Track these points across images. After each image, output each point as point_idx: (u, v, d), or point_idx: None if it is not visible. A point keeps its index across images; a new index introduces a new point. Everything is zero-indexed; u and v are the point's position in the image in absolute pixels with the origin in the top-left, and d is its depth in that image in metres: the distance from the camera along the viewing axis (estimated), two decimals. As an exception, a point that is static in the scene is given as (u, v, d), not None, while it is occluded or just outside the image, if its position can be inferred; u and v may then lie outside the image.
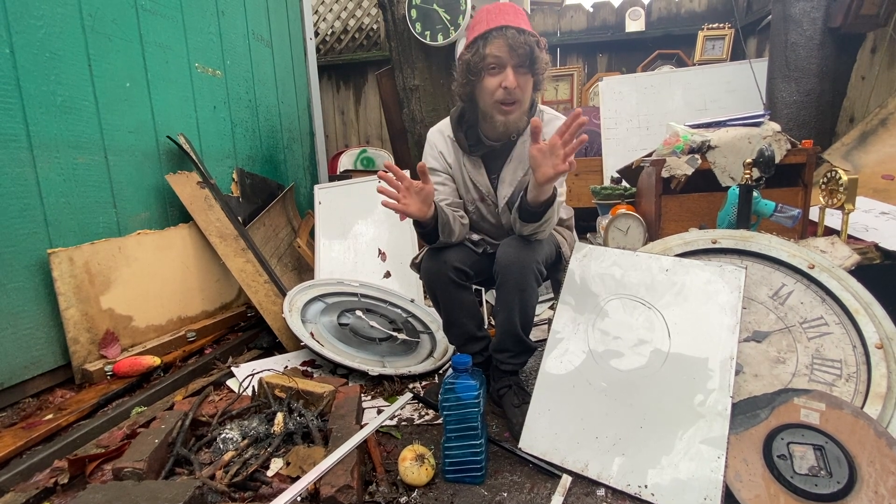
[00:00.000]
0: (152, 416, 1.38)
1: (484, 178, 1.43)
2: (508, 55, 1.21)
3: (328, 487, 0.95)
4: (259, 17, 2.78)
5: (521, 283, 1.28)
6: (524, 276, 1.27)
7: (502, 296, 1.32)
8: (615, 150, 2.99)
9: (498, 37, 1.21)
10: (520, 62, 1.22)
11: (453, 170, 1.45)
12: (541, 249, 1.33)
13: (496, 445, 1.25)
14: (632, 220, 1.97)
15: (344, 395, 1.31)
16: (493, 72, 1.24)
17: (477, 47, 1.24)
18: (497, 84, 1.24)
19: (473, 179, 1.43)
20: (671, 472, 1.04)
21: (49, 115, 1.60)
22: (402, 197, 1.19)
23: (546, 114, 1.40)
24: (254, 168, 2.69)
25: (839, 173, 1.53)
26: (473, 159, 1.42)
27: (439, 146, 1.45)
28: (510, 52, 1.21)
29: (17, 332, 1.50)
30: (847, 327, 1.19)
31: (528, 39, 1.21)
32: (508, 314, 1.31)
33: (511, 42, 1.20)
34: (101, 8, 1.77)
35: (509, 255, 1.29)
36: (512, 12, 1.24)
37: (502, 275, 1.30)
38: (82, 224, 1.71)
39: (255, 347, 2.01)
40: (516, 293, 1.29)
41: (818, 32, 2.18)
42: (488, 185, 1.43)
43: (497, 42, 1.21)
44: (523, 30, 1.21)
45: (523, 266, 1.27)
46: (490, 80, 1.25)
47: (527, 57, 1.21)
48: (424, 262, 1.40)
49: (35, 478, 1.14)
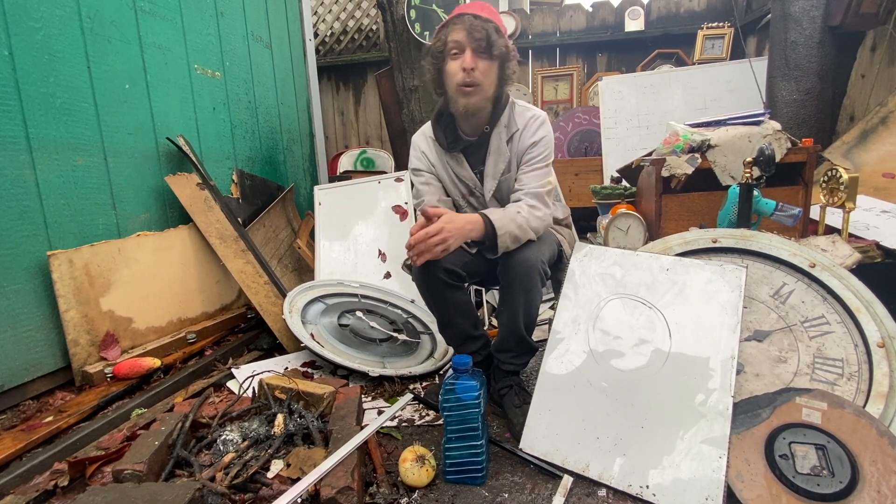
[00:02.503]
0: (152, 417, 1.38)
1: (468, 171, 1.45)
2: (466, 38, 1.27)
3: (328, 489, 0.94)
4: (258, 19, 2.78)
5: (526, 282, 1.28)
6: (530, 276, 1.28)
7: (507, 295, 1.32)
8: (615, 150, 2.99)
9: (457, 22, 1.29)
10: (477, 45, 1.27)
11: (438, 169, 1.48)
12: (545, 248, 1.34)
13: (497, 446, 1.24)
14: (632, 219, 1.97)
15: (344, 396, 1.31)
16: (454, 55, 1.30)
17: (441, 34, 1.34)
18: (458, 67, 1.29)
19: (458, 175, 1.46)
20: (673, 473, 1.04)
21: (48, 117, 1.60)
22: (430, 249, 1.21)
23: (518, 106, 1.42)
24: (253, 169, 2.69)
25: (840, 172, 1.53)
26: (455, 155, 1.44)
27: (422, 147, 1.48)
28: (467, 35, 1.27)
29: (17, 335, 1.49)
30: (848, 326, 1.19)
31: (486, 25, 1.27)
32: (513, 314, 1.31)
33: (468, 27, 1.27)
34: (100, 10, 1.77)
35: (515, 256, 1.29)
36: (478, 7, 1.32)
37: (507, 274, 1.30)
38: (82, 226, 1.71)
39: (255, 349, 2.01)
40: (522, 293, 1.29)
41: (818, 31, 2.18)
42: (474, 179, 1.45)
43: (455, 28, 1.29)
44: (480, 16, 1.28)
45: (529, 266, 1.27)
46: (452, 64, 1.31)
47: (483, 40, 1.27)
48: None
49: (35, 480, 1.14)
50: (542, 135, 1.37)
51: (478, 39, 1.26)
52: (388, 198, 2.53)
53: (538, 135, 1.37)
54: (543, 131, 1.37)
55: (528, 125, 1.37)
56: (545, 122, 1.39)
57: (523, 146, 1.37)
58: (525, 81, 3.91)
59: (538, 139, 1.36)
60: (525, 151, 1.37)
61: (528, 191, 1.34)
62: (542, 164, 1.37)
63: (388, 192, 2.54)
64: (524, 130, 1.37)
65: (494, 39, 1.27)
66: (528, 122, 1.37)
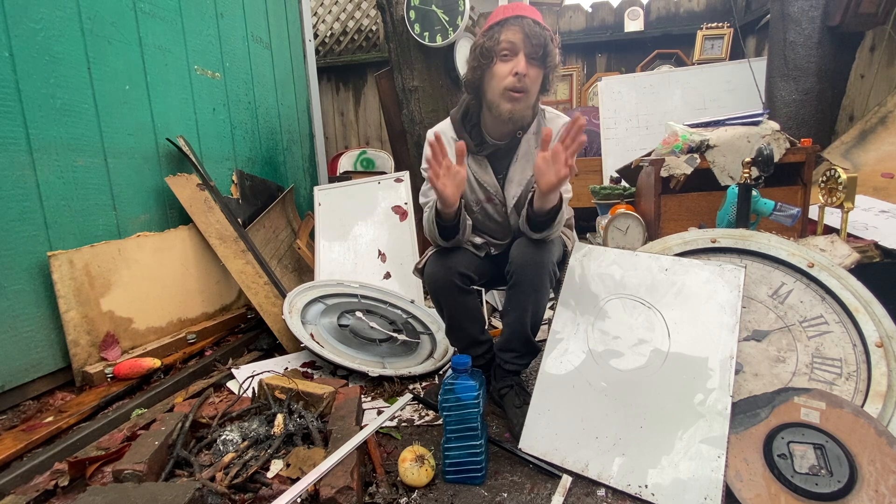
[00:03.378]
0: (152, 418, 1.38)
1: (491, 177, 1.41)
2: (523, 42, 1.22)
3: (328, 489, 0.95)
4: (258, 20, 2.79)
5: (536, 283, 1.27)
6: (540, 277, 1.27)
7: (515, 296, 1.30)
8: (614, 150, 3.00)
9: (515, 24, 1.23)
10: (533, 51, 1.23)
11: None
12: (555, 250, 1.33)
13: (496, 446, 1.24)
14: (631, 219, 1.97)
15: (344, 397, 1.31)
16: (506, 57, 1.25)
17: (493, 32, 1.26)
18: (508, 70, 1.24)
19: (480, 179, 1.42)
20: (672, 472, 1.04)
21: (48, 118, 1.60)
22: (442, 175, 1.19)
23: (548, 112, 1.40)
24: (253, 170, 2.70)
25: (838, 172, 1.53)
26: (479, 159, 1.41)
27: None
28: (525, 39, 1.22)
29: (18, 335, 1.50)
30: (847, 326, 1.19)
31: (544, 32, 1.23)
32: (520, 315, 1.31)
33: (527, 30, 1.22)
34: (100, 11, 1.78)
35: (525, 256, 1.28)
36: (531, 10, 1.28)
37: (517, 274, 1.28)
38: (82, 226, 1.71)
39: (255, 349, 2.01)
40: (531, 294, 1.28)
41: (817, 31, 2.18)
42: (496, 185, 1.41)
43: (513, 28, 1.23)
44: (539, 22, 1.24)
45: (540, 266, 1.27)
46: (501, 66, 1.26)
47: (540, 47, 1.23)
48: (429, 268, 1.38)
49: (35, 480, 1.14)
50: None
51: (535, 46, 1.22)
52: (387, 198, 2.54)
53: None
54: None
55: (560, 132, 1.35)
56: None
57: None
58: (525, 82, 3.91)
59: None
60: None
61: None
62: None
63: (388, 193, 2.55)
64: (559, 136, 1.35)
65: (550, 49, 1.24)
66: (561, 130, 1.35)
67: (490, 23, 1.29)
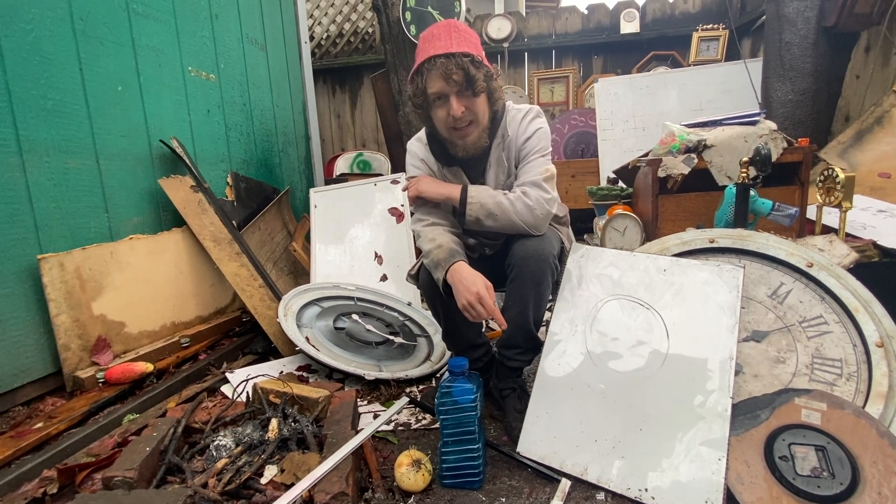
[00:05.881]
0: (144, 423, 1.36)
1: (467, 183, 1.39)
2: (445, 85, 1.20)
3: (323, 495, 0.93)
4: (253, 21, 2.77)
5: (537, 276, 1.26)
6: (541, 269, 1.26)
7: (516, 289, 1.29)
8: (611, 151, 2.99)
9: (430, 69, 1.19)
10: (459, 88, 1.20)
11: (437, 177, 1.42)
12: (556, 243, 1.32)
13: (494, 449, 1.23)
14: (629, 220, 1.96)
15: (340, 400, 1.29)
16: (439, 103, 1.24)
17: (417, 83, 1.24)
18: (446, 114, 1.24)
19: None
20: (672, 475, 1.02)
21: (39, 119, 1.58)
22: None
23: (510, 111, 1.36)
24: (249, 172, 2.68)
25: (836, 171, 1.52)
26: (454, 170, 1.40)
27: (420, 154, 1.43)
28: (445, 81, 1.19)
29: (6, 340, 1.47)
30: (847, 326, 1.18)
31: (460, 62, 1.17)
32: (522, 308, 1.29)
33: (444, 72, 1.18)
34: (92, 11, 1.76)
35: (526, 248, 1.27)
36: (444, 34, 1.21)
37: (518, 267, 1.27)
38: (73, 229, 1.69)
39: (250, 353, 1.99)
40: (532, 286, 1.26)
41: (812, 31, 2.18)
42: None
43: (431, 75, 1.20)
44: (451, 54, 1.17)
45: (541, 259, 1.26)
46: (439, 112, 1.25)
47: (463, 80, 1.19)
48: (424, 274, 1.38)
49: (24, 487, 1.12)
50: (534, 128, 1.33)
51: (458, 82, 1.19)
52: (384, 200, 2.52)
53: (530, 129, 1.33)
54: (536, 124, 1.33)
55: (519, 126, 1.33)
56: (537, 115, 1.35)
57: (518, 146, 1.34)
58: (521, 84, 3.91)
59: (531, 133, 1.32)
60: (520, 149, 1.34)
61: (522, 181, 1.31)
62: (538, 154, 1.32)
63: (385, 195, 2.53)
64: (517, 131, 1.34)
65: (473, 74, 1.19)
66: (520, 123, 1.33)
67: (412, 70, 1.26)
